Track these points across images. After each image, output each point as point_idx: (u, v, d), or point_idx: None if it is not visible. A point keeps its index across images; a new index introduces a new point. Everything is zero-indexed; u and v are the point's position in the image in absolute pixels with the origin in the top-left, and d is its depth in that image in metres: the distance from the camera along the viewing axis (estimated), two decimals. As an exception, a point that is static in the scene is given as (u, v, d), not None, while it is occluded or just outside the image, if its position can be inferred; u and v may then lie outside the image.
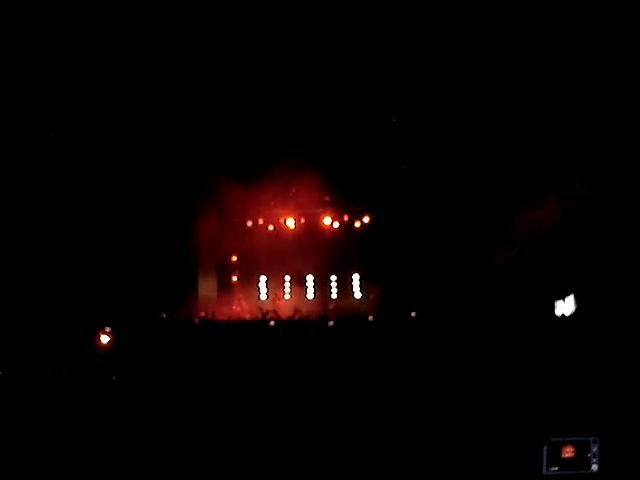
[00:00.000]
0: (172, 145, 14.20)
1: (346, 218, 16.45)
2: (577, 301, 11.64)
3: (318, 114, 14.10)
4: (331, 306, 16.08)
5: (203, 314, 14.61)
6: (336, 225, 16.47)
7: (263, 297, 16.65)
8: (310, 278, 16.65)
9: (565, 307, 11.97)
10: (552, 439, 5.32)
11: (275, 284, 16.63)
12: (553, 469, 5.32)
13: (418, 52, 12.86)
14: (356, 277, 16.60)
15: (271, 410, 7.13)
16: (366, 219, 16.39)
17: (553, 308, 12.09)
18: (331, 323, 12.83)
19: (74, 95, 12.89)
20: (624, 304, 9.38)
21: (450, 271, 14.23)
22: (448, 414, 6.44)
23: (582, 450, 5.31)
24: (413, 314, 13.15)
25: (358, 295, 16.58)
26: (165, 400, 7.64)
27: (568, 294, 11.90)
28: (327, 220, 16.37)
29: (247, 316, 15.09)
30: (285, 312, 14.75)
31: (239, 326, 13.16)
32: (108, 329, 10.91)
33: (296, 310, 15.25)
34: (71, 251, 13.24)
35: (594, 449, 5.31)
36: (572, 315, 11.49)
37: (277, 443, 6.50)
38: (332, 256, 16.23)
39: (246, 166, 14.79)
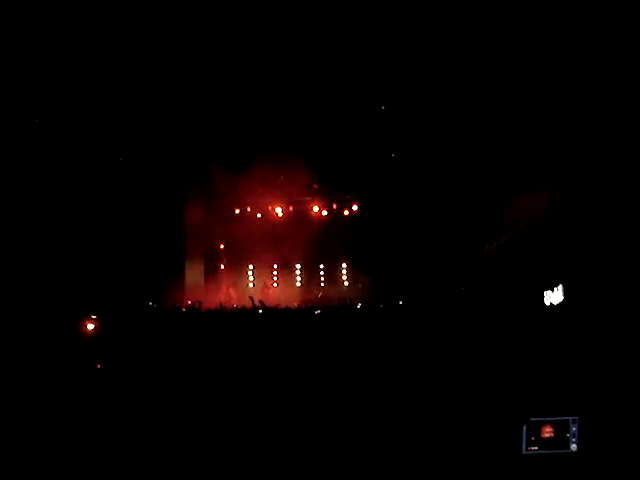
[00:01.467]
0: (160, 133, 14.10)
1: (335, 206, 16.43)
2: (565, 291, 11.63)
3: (307, 102, 14.02)
4: (319, 294, 16.07)
5: (190, 302, 14.57)
6: (324, 213, 16.44)
7: (251, 285, 16.63)
8: (298, 266, 16.65)
9: (554, 297, 11.96)
10: (531, 419, 5.31)
11: (263, 272, 16.62)
12: (532, 449, 5.31)
13: (408, 39, 12.78)
14: (344, 265, 16.60)
15: (259, 399, 7.09)
16: (355, 207, 16.38)
17: (542, 298, 12.08)
18: (318, 311, 12.80)
19: (63, 84, 12.79)
20: (612, 294, 9.38)
21: (439, 260, 14.21)
22: (431, 396, 6.43)
23: (561, 430, 5.31)
24: (400, 302, 13.15)
25: (346, 283, 16.59)
26: (151, 389, 7.59)
27: (557, 284, 11.89)
28: (315, 208, 16.34)
29: (234, 304, 15.07)
30: (273, 300, 14.74)
31: (226, 314, 13.11)
32: (94, 317, 10.84)
33: (284, 298, 15.26)
34: (57, 239, 13.14)
35: (573, 429, 5.30)
36: (560, 305, 11.49)
37: (266, 432, 6.47)
38: (320, 244, 16.22)
39: (234, 154, 14.71)
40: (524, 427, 5.33)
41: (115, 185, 14.00)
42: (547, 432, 5.32)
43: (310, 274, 16.67)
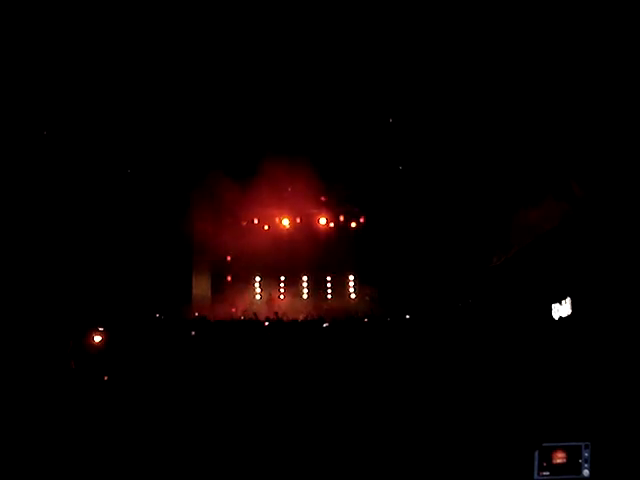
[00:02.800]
0: (167, 145, 14.13)
1: (342, 218, 16.43)
2: (574, 304, 11.58)
3: (315, 115, 14.04)
4: (326, 306, 16.04)
5: (197, 314, 14.58)
6: (331, 225, 16.44)
7: (257, 297, 16.61)
8: (305, 278, 16.63)
9: (562, 310, 11.91)
10: (543, 444, 5.25)
11: (270, 284, 16.59)
12: (544, 474, 5.24)
13: (415, 52, 12.79)
14: (351, 278, 16.56)
15: (266, 410, 7.07)
16: (362, 220, 16.36)
17: (550, 311, 12.03)
18: (326, 324, 12.79)
19: (73, 91, 12.81)
20: (620, 308, 9.33)
21: (446, 273, 14.17)
22: (441, 418, 6.39)
23: (573, 455, 5.23)
24: (407, 316, 13.11)
25: (353, 296, 16.55)
26: (158, 400, 7.58)
27: (565, 297, 11.84)
28: (322, 220, 16.34)
29: (241, 316, 15.07)
30: (280, 312, 14.74)
31: (233, 326, 13.11)
32: (101, 329, 10.86)
33: (291, 311, 15.24)
34: (66, 252, 13.16)
35: (585, 454, 5.23)
36: (568, 318, 11.43)
37: (272, 443, 6.44)
38: (327, 256, 16.19)
39: (242, 166, 14.73)
40: (536, 452, 5.26)
41: (123, 198, 14.03)
42: (559, 457, 5.25)
43: (317, 286, 16.65)
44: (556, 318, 11.77)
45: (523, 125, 12.62)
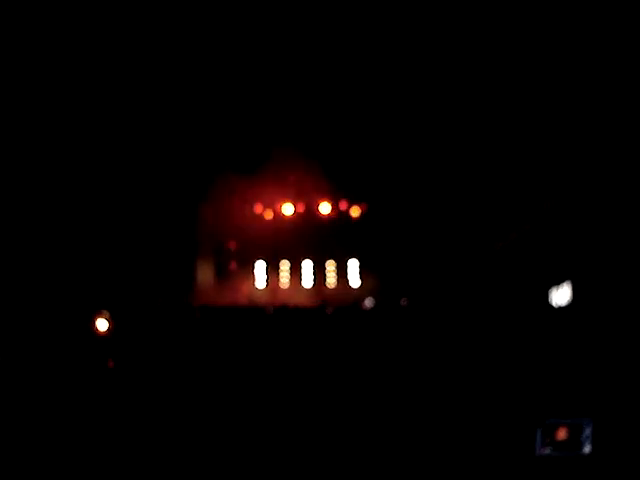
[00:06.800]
0: (169, 131, 14.18)
1: (344, 205, 16.47)
2: (573, 289, 11.69)
3: (316, 102, 14.09)
4: (328, 293, 16.11)
5: (201, 301, 14.65)
6: (334, 212, 16.48)
7: (261, 284, 16.69)
8: (308, 265, 16.69)
9: (561, 295, 12.02)
10: (546, 421, 5.38)
11: (273, 271, 16.66)
12: (546, 450, 5.36)
13: (416, 44, 12.84)
14: (354, 264, 16.62)
15: (268, 399, 7.16)
16: (364, 207, 16.40)
17: (548, 296, 12.15)
18: (329, 310, 12.88)
19: (79, 88, 12.87)
20: (620, 292, 9.44)
21: (446, 258, 14.28)
22: (443, 397, 6.50)
23: (575, 432, 5.36)
24: (403, 303, 13.23)
25: (356, 283, 16.61)
26: (162, 387, 7.67)
27: (564, 282, 11.95)
28: (325, 207, 16.39)
29: (245, 303, 15.14)
30: (283, 299, 14.83)
31: (236, 313, 13.19)
32: (106, 314, 10.93)
33: (293, 297, 15.32)
34: (68, 237, 13.23)
35: (587, 431, 5.36)
36: (567, 303, 11.56)
37: (274, 432, 6.54)
38: (330, 243, 16.26)
39: (245, 153, 14.79)
40: (538, 429, 5.40)
41: (128, 183, 14.09)
42: (561, 434, 5.39)
43: (320, 273, 16.71)
44: (555, 301, 11.89)
45: (523, 113, 12.69)
